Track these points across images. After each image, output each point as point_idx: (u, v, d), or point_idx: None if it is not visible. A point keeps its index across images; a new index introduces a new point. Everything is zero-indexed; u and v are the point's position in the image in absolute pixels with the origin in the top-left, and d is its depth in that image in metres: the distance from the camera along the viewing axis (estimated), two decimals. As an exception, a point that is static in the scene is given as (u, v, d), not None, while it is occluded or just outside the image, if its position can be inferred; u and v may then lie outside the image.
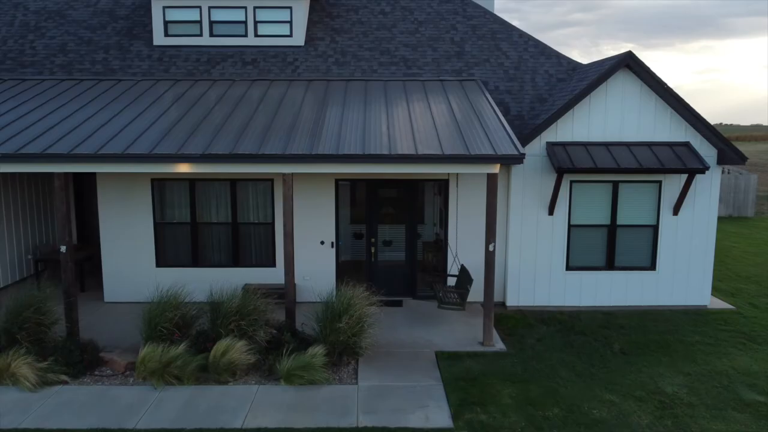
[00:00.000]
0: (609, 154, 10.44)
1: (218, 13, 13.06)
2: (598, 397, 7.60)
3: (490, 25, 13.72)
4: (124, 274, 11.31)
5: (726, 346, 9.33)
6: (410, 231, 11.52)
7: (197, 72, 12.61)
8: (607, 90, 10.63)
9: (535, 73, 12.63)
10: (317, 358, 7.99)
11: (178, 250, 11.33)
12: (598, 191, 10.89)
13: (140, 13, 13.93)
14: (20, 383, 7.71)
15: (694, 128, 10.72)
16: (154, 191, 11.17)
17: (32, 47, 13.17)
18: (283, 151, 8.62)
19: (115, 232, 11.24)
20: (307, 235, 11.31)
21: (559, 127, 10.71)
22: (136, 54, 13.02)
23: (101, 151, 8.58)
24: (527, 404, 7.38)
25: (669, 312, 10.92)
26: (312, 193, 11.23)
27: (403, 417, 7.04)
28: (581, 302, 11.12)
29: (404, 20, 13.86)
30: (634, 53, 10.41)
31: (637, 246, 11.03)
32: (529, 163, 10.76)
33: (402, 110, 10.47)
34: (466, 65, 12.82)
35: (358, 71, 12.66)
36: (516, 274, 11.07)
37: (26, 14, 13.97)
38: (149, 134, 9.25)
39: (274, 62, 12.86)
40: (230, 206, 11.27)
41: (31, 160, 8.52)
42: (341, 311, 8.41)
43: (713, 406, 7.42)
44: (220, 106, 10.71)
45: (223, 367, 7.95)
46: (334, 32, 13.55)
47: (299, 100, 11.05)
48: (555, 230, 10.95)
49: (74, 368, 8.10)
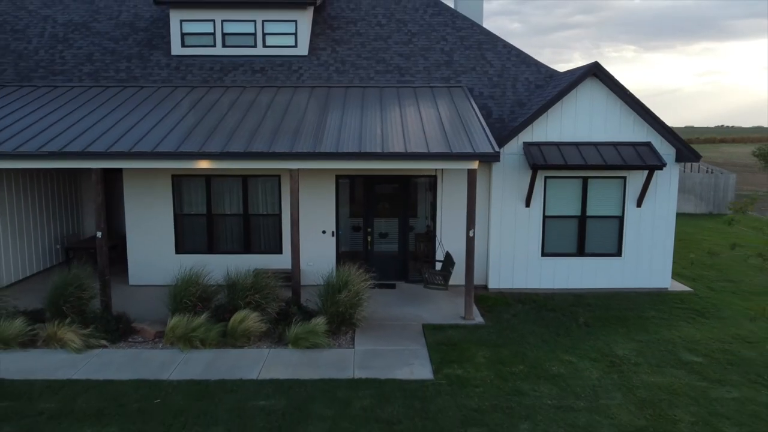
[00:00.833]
0: (578, 153, 11.79)
1: (230, 26, 14.43)
2: (558, 358, 8.93)
3: (477, 36, 15.08)
4: (147, 260, 12.66)
5: (677, 320, 10.66)
6: (403, 223, 12.88)
7: (211, 79, 13.98)
8: (577, 96, 11.98)
9: (516, 80, 13.99)
10: (320, 326, 9.34)
11: (196, 238, 12.70)
12: (570, 186, 12.23)
13: (159, 26, 15.31)
14: (67, 346, 9.06)
15: (655, 130, 12.06)
16: (174, 186, 12.54)
17: (62, 57, 14.55)
18: (290, 149, 9.98)
19: (139, 222, 12.60)
20: (310, 225, 12.66)
21: (534, 129, 12.06)
22: (155, 63, 14.40)
23: (134, 149, 9.95)
24: (497, 363, 8.72)
25: (633, 293, 12.25)
26: (315, 188, 12.58)
27: (391, 372, 8.38)
28: (555, 285, 12.45)
29: (399, 32, 15.22)
30: (600, 64, 11.77)
31: (604, 235, 12.36)
32: (508, 161, 12.10)
33: (395, 114, 11.83)
34: (454, 73, 14.18)
35: (357, 79, 14.02)
36: (497, 260, 12.41)
37: (55, 26, 15.35)
38: (173, 135, 10.61)
39: (280, 70, 14.22)
40: (242, 199, 12.63)
41: (73, 157, 9.88)
42: (340, 287, 9.77)
43: (655, 364, 8.76)
44: (233, 110, 12.07)
45: (239, 334, 9.29)
46: (334, 43, 14.92)
47: (303, 105, 12.41)
48: (531, 221, 12.29)
49: (111, 335, 9.45)
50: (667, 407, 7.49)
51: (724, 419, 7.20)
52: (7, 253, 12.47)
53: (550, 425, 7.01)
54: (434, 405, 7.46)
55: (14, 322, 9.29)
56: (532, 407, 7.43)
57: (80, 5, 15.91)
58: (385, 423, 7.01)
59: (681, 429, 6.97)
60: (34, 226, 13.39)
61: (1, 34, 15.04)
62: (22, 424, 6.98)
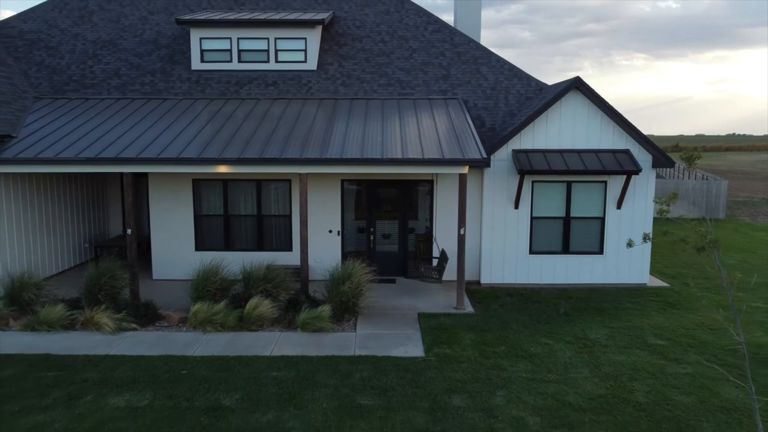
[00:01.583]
0: (562, 159, 12.92)
1: (245, 43, 15.72)
2: (536, 341, 10.04)
3: (473, 52, 16.28)
4: (170, 256, 13.90)
5: (650, 311, 11.73)
6: (403, 225, 14.04)
7: (228, 92, 15.26)
8: (561, 107, 13.12)
9: (508, 92, 15.16)
10: (325, 313, 10.51)
11: (214, 237, 13.93)
12: (555, 189, 13.34)
13: (179, 42, 16.64)
14: (102, 329, 10.28)
15: (633, 139, 13.17)
16: (194, 189, 13.79)
17: (92, 71, 15.90)
18: (299, 155, 11.20)
19: (162, 222, 13.85)
20: (318, 225, 13.85)
21: (522, 137, 13.21)
22: (177, 77, 15.71)
23: (161, 155, 11.21)
24: (482, 344, 9.84)
25: (614, 288, 13.32)
26: (322, 191, 13.78)
27: (388, 351, 9.52)
28: (542, 280, 13.55)
29: (401, 48, 16.46)
30: (582, 78, 12.93)
31: (587, 234, 13.46)
32: (498, 167, 13.25)
33: (395, 124, 13.03)
34: (451, 86, 15.37)
35: (361, 91, 15.25)
36: (488, 257, 13.52)
37: (85, 44, 16.72)
38: (195, 143, 11.87)
39: (291, 84, 15.49)
40: (256, 202, 13.85)
41: (107, 163, 11.15)
42: (344, 278, 10.94)
43: (622, 346, 9.85)
44: (248, 120, 13.32)
45: (254, 319, 10.47)
46: (341, 58, 16.17)
47: (312, 115, 13.64)
48: (520, 221, 13.41)
49: (141, 320, 10.67)
50: (627, 380, 8.58)
51: (675, 389, 8.28)
52: (44, 249, 13.75)
53: (523, 393, 8.12)
54: (423, 377, 8.59)
55: (56, 308, 10.54)
56: (509, 379, 8.55)
57: (107, 24, 17.29)
58: (380, 390, 8.15)
59: (636, 397, 8.06)
60: (66, 225, 14.69)
61: (37, 50, 16.42)
62: (69, 389, 8.18)
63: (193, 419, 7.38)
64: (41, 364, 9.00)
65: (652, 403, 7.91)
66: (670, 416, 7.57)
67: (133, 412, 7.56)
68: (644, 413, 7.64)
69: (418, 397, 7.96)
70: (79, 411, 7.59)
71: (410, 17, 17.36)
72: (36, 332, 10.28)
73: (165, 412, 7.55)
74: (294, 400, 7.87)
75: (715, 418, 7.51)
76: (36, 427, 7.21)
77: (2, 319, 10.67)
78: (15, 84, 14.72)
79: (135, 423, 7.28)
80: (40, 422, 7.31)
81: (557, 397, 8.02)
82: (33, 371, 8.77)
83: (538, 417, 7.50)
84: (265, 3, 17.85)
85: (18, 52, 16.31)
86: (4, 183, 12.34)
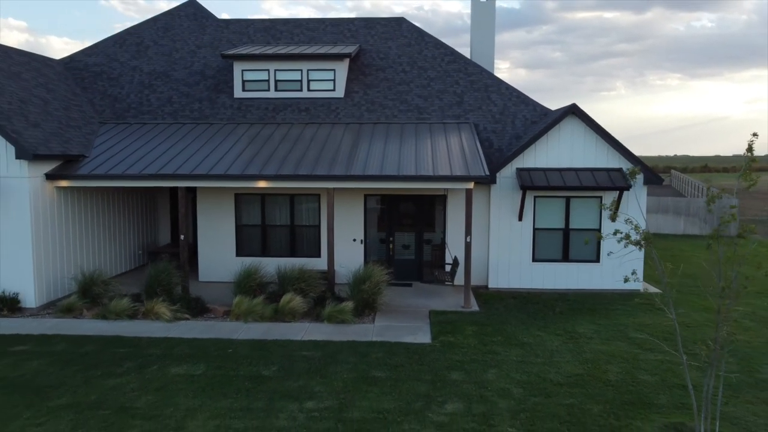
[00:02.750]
0: (560, 177, 14.48)
1: (281, 74, 17.77)
2: (530, 333, 11.57)
3: (485, 80, 18.02)
4: (214, 261, 15.84)
5: (637, 312, 13.12)
6: (419, 236, 15.74)
7: (266, 117, 17.27)
8: (560, 130, 14.72)
9: (515, 117, 16.82)
10: (348, 307, 12.22)
11: (252, 244, 15.83)
12: (555, 203, 14.89)
13: (224, 74, 18.79)
14: (161, 317, 12.19)
15: (626, 158, 14.66)
16: (236, 202, 15.75)
17: (148, 100, 18.13)
18: (327, 172, 13.04)
19: (207, 230, 15.82)
20: (343, 235, 15.64)
21: (525, 157, 14.83)
22: (221, 104, 17.82)
23: (210, 172, 13.18)
24: (482, 335, 11.41)
25: (609, 293, 14.72)
26: (347, 205, 15.59)
27: (400, 338, 11.17)
28: (544, 285, 15.03)
29: (419, 77, 18.30)
30: (577, 105, 14.51)
31: (585, 245, 14.91)
32: (503, 183, 14.87)
33: (411, 145, 14.81)
34: (464, 111, 17.11)
35: (383, 116, 17.10)
36: (495, 264, 15.08)
37: (141, 75, 19.01)
38: (238, 161, 13.82)
39: (321, 110, 17.43)
40: (289, 214, 15.73)
41: (166, 178, 13.16)
42: (365, 278, 12.66)
43: (606, 338, 11.31)
44: (283, 142, 15.26)
45: (287, 312, 12.25)
46: (366, 87, 18.09)
47: (339, 137, 15.52)
48: (523, 232, 14.97)
49: (192, 311, 12.54)
50: (603, 364, 10.05)
51: (643, 371, 9.73)
52: (107, 254, 15.84)
53: (511, 371, 9.68)
54: (428, 357, 10.21)
55: (122, 300, 12.50)
56: (501, 361, 10.11)
57: (161, 57, 19.58)
58: (391, 366, 9.80)
59: (608, 376, 9.54)
60: (124, 234, 16.80)
61: (100, 81, 18.77)
62: (138, 361, 10.04)
63: (239, 383, 9.14)
64: (114, 343, 10.92)
65: (621, 380, 9.38)
66: (633, 390, 9.03)
67: (190, 378, 9.37)
68: (612, 387, 9.12)
69: (423, 372, 9.58)
70: (147, 376, 9.43)
71: (429, 49, 19.23)
72: (106, 320, 12.24)
73: (216, 379, 9.33)
74: (320, 372, 9.58)
75: (671, 392, 8.95)
76: (116, 386, 9.06)
77: (77, 309, 12.67)
78: (84, 111, 17.01)
79: (192, 385, 9.08)
80: (119, 383, 9.16)
81: (540, 375, 9.55)
82: (108, 348, 10.68)
83: (521, 389, 9.05)
84: (299, 38, 19.95)
85: (84, 83, 18.67)
86: (76, 196, 14.47)
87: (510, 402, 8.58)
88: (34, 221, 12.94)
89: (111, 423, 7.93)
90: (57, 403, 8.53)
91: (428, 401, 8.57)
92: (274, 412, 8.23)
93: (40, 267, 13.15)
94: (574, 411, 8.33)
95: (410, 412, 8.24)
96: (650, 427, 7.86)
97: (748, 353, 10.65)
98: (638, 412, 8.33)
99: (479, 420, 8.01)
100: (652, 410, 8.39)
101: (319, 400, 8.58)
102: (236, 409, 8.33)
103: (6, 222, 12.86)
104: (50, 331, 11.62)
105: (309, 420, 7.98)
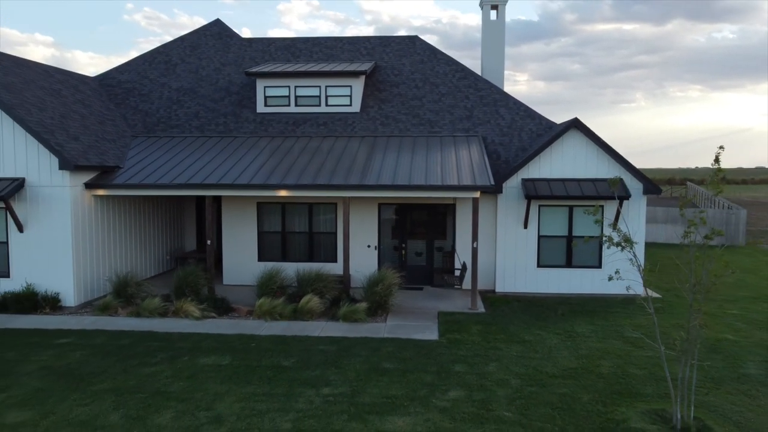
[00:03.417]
0: (563, 187, 15.31)
1: (301, 90, 18.88)
2: (531, 332, 12.37)
3: (494, 95, 18.95)
4: (237, 265, 16.88)
5: (635, 314, 13.84)
6: (430, 243, 16.63)
7: (286, 131, 18.36)
8: (563, 143, 15.57)
9: (522, 130, 17.70)
10: (361, 307, 13.14)
11: (273, 249, 16.86)
12: (559, 212, 15.70)
13: (247, 90, 19.97)
14: (189, 316, 13.22)
15: (626, 169, 15.45)
16: (258, 210, 16.81)
17: (176, 114, 19.35)
18: (343, 182, 14.03)
19: (231, 237, 16.89)
20: (358, 241, 16.59)
21: (530, 168, 15.68)
22: (245, 118, 18.96)
23: (236, 181, 14.25)
24: (486, 333, 12.25)
25: (610, 297, 15.44)
26: (362, 213, 16.56)
27: (410, 335, 12.06)
28: (548, 290, 15.81)
29: (431, 92, 19.29)
30: (579, 119, 15.36)
31: (587, 251, 15.69)
32: (509, 193, 15.73)
33: (422, 157, 15.76)
34: (473, 125, 18.04)
35: (396, 130, 18.09)
36: (502, 269, 15.91)
37: (170, 91, 20.26)
38: (261, 172, 14.89)
39: (338, 124, 18.48)
40: (308, 221, 16.75)
41: (195, 187, 14.26)
42: (378, 280, 13.58)
43: (602, 337, 12.07)
44: (303, 154, 16.30)
45: (306, 311, 13.21)
46: (380, 102, 19.11)
47: (355, 150, 16.52)
48: (528, 239, 15.79)
49: (218, 311, 13.56)
50: (597, 359, 10.83)
51: (633, 365, 10.50)
52: (138, 258, 16.98)
53: (511, 364, 10.50)
54: (435, 352, 11.08)
55: (154, 300, 13.57)
56: (502, 356, 10.94)
57: (188, 75, 20.83)
58: (401, 359, 10.69)
59: (600, 369, 10.32)
60: (153, 240, 17.95)
61: (132, 98, 20.05)
62: (170, 353, 11.05)
63: (261, 372, 10.10)
64: (147, 338, 11.96)
65: (612, 373, 10.16)
66: (622, 382, 9.81)
67: (217, 367, 10.35)
68: (603, 379, 9.90)
69: (429, 364, 10.46)
70: (179, 366, 10.43)
71: (441, 66, 20.23)
72: (139, 317, 13.31)
73: (241, 368, 10.30)
74: (335, 363, 10.50)
75: (658, 384, 9.71)
76: (151, 374, 10.08)
77: (112, 308, 13.76)
78: (117, 125, 18.26)
79: (220, 373, 10.06)
80: (153, 371, 10.17)
81: (537, 368, 10.36)
82: (142, 341, 11.72)
83: (519, 380, 9.87)
84: (318, 55, 21.08)
85: (117, 98, 19.97)
86: (111, 204, 15.64)
87: (508, 390, 9.41)
88: (74, 227, 14.11)
89: (148, 404, 8.91)
90: (100, 387, 9.55)
91: (433, 389, 9.43)
92: (294, 396, 9.15)
93: (79, 269, 14.30)
94: (565, 399, 9.13)
95: (416, 398, 9.11)
96: (633, 412, 8.64)
97: (736, 351, 11.35)
98: (624, 400, 9.11)
99: (478, 405, 8.85)
100: (638, 399, 9.16)
101: (333, 387, 9.49)
102: (259, 394, 9.27)
103: (49, 227, 14.04)
104: (89, 326, 12.71)
105: (325, 403, 8.89)
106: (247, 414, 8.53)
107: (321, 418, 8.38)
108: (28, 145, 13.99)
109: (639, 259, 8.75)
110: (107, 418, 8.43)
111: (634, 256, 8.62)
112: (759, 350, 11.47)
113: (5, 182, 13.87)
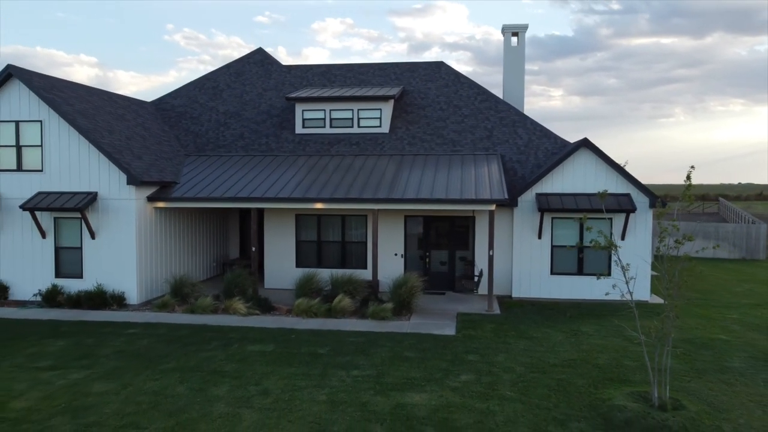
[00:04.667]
0: (574, 201, 16.70)
1: (335, 113, 20.76)
2: (540, 330, 13.78)
3: (512, 117, 20.49)
4: (277, 270, 18.71)
5: (640, 317, 15.03)
6: (452, 253, 18.19)
7: (322, 150, 20.23)
8: (574, 161, 16.99)
9: (538, 149, 19.17)
10: (388, 307, 14.76)
11: (309, 257, 18.64)
12: (570, 224, 17.08)
13: (287, 113, 21.96)
14: (237, 313, 15.05)
15: (633, 185, 16.77)
16: (296, 221, 18.65)
17: (223, 135, 21.44)
18: (373, 196, 15.75)
19: (272, 245, 18.75)
20: (385, 250, 18.24)
21: (543, 183, 17.14)
22: (284, 139, 20.92)
23: (278, 195, 16.11)
24: (498, 330, 13.71)
25: (619, 303, 16.67)
26: (390, 225, 18.23)
27: (429, 331, 13.61)
28: (561, 296, 17.15)
29: (454, 114, 20.94)
30: (589, 139, 16.78)
31: (597, 260, 17.00)
32: (524, 206, 17.19)
33: (444, 173, 17.38)
34: (493, 144, 19.59)
35: (422, 149, 19.77)
36: (518, 276, 17.33)
37: (217, 114, 22.41)
38: (300, 187, 16.72)
39: (369, 143, 20.26)
40: (341, 231, 18.49)
41: (242, 201, 16.18)
42: (403, 283, 15.19)
43: (605, 335, 13.40)
44: (336, 171, 18.10)
45: (338, 310, 14.88)
46: (408, 123, 20.85)
47: (384, 167, 18.25)
48: (542, 249, 17.19)
49: (261, 309, 15.35)
50: (596, 353, 12.19)
51: (628, 358, 11.83)
52: (190, 263, 18.98)
53: (518, 355, 11.95)
54: (451, 345, 12.61)
55: (206, 299, 15.46)
56: (510, 349, 12.39)
57: (234, 99, 22.98)
58: (420, 350, 12.25)
59: (597, 361, 11.68)
60: (202, 247, 19.95)
61: (184, 120, 22.26)
62: (222, 342, 12.85)
63: (300, 358, 11.79)
64: (202, 329, 13.81)
65: (607, 364, 11.52)
66: (616, 371, 11.17)
67: (263, 353, 12.09)
68: (598, 369, 11.27)
69: (445, 354, 11.99)
70: (230, 352, 12.20)
71: (464, 89, 21.89)
72: (194, 314, 15.19)
73: (283, 354, 12.01)
74: (364, 351, 12.12)
75: (647, 373, 10.99)
76: (208, 357, 11.87)
77: (170, 305, 15.69)
78: (172, 145, 20.43)
79: (265, 358, 11.79)
80: (209, 356, 11.96)
81: (541, 359, 11.79)
82: (198, 333, 13.57)
83: (523, 367, 11.32)
84: (351, 80, 23.00)
85: (171, 121, 22.20)
86: (168, 215, 17.69)
87: (512, 375, 10.87)
88: (138, 235, 16.15)
89: (207, 380, 10.67)
90: (166, 366, 11.37)
91: (447, 373, 10.96)
92: (328, 376, 10.80)
93: (141, 271, 16.31)
94: (562, 383, 10.54)
95: (432, 379, 10.66)
96: (619, 393, 10.01)
97: (725, 349, 12.56)
98: (614, 385, 10.48)
99: (485, 386, 10.34)
100: (626, 384, 10.52)
101: (362, 369, 11.11)
102: (299, 374, 10.94)
103: (116, 235, 16.12)
104: (152, 320, 14.64)
105: (354, 382, 10.51)
106: (290, 389, 10.21)
107: (351, 393, 9.99)
108: (100, 164, 16.14)
109: (623, 261, 10.12)
110: (175, 389, 10.21)
111: (619, 259, 10.00)
112: (747, 348, 12.64)
113: (81, 196, 16.03)
